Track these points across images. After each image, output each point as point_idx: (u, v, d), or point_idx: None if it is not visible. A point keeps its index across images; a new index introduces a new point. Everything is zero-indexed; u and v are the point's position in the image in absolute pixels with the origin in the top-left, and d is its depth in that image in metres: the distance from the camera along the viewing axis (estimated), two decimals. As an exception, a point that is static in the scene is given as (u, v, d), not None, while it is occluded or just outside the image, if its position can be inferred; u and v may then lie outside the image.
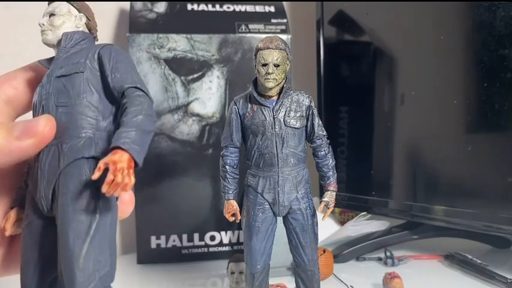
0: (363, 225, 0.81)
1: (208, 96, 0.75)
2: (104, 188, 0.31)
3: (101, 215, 0.33)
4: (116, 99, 0.36)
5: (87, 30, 0.41)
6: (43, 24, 0.39)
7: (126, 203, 0.39)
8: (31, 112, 0.40)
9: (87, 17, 0.40)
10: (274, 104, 0.46)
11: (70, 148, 0.34)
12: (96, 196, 0.33)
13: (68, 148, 0.34)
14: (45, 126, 0.34)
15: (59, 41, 0.39)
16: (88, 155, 0.34)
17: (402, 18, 0.77)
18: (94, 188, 0.33)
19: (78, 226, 0.32)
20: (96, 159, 0.33)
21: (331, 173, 0.49)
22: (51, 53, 0.44)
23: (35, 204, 0.35)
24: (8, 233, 0.37)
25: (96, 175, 0.31)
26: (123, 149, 0.32)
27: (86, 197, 0.33)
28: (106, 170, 0.31)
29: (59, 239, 0.33)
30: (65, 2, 0.39)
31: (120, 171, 0.31)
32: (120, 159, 0.31)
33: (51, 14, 0.39)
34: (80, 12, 0.40)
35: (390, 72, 0.81)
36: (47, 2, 0.42)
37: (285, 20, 0.78)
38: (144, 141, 0.33)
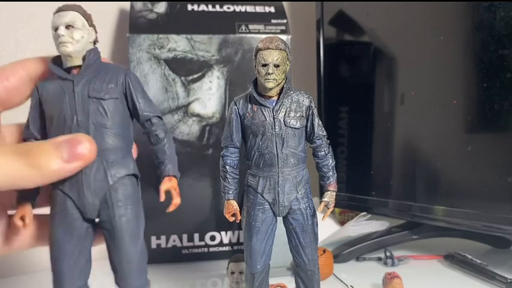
0: (362, 225, 0.81)
1: (208, 96, 0.75)
2: (171, 208, 0.43)
3: (142, 222, 0.42)
4: (130, 122, 0.43)
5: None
6: (62, 35, 0.40)
7: None
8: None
9: (95, 31, 0.43)
10: (274, 104, 0.46)
11: (114, 166, 0.41)
12: (138, 207, 0.42)
13: (112, 166, 0.40)
14: (91, 150, 0.39)
15: (83, 56, 0.41)
16: (129, 173, 0.41)
17: (402, 18, 0.77)
18: (137, 200, 0.42)
19: (133, 232, 0.41)
20: (133, 175, 0.42)
21: (331, 173, 0.49)
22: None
23: (75, 207, 0.40)
24: (28, 227, 0.41)
25: (163, 198, 0.42)
26: (174, 176, 0.43)
27: (133, 208, 0.41)
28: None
29: (113, 241, 0.41)
30: (78, 14, 0.41)
31: (179, 195, 0.43)
32: (176, 185, 0.43)
33: (69, 26, 0.40)
34: (90, 26, 0.42)
35: (390, 72, 0.81)
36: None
37: (285, 21, 0.78)
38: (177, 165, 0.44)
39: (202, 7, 0.78)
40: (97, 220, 0.42)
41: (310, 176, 0.49)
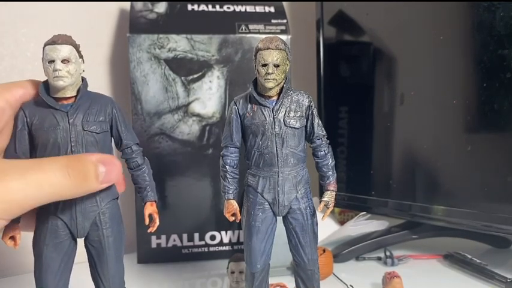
0: (362, 225, 0.81)
1: (209, 96, 0.75)
2: (152, 230, 0.47)
3: (124, 238, 0.46)
4: (112, 149, 0.46)
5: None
6: (59, 70, 0.41)
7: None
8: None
9: (83, 62, 0.44)
10: (274, 104, 0.46)
11: (103, 192, 0.44)
12: (121, 226, 0.46)
13: (101, 193, 0.43)
14: (120, 177, 0.43)
15: (77, 89, 0.43)
16: (113, 197, 0.45)
17: (402, 18, 0.77)
18: (120, 220, 0.46)
19: (117, 250, 0.45)
20: (117, 199, 0.46)
21: (330, 172, 0.49)
22: None
23: (66, 228, 0.43)
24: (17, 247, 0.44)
25: (148, 221, 0.47)
26: (154, 201, 0.47)
27: (118, 228, 0.45)
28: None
29: (100, 258, 0.44)
30: (73, 48, 0.42)
31: (158, 217, 0.47)
32: (156, 209, 0.47)
33: (65, 60, 0.41)
34: (80, 57, 0.43)
35: (390, 72, 0.81)
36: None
37: (284, 21, 0.78)
38: None
39: (202, 7, 0.78)
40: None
41: (310, 176, 0.49)
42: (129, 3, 0.77)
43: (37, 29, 0.77)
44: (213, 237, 0.77)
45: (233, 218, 0.48)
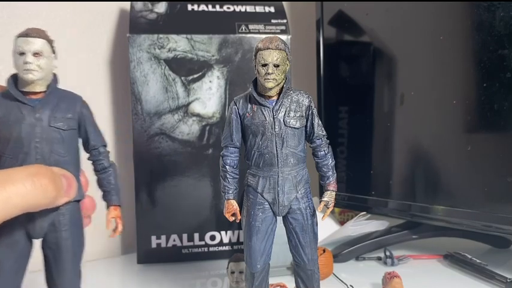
0: (362, 225, 0.81)
1: (209, 96, 0.75)
2: (114, 236, 0.46)
3: (83, 244, 0.45)
4: (79, 149, 0.45)
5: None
6: (30, 63, 0.40)
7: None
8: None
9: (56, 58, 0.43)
10: (274, 104, 0.46)
11: None
12: (81, 230, 0.45)
13: None
14: (76, 192, 0.43)
15: (47, 84, 0.42)
16: (76, 199, 0.43)
17: (402, 18, 0.77)
18: (80, 224, 0.45)
19: (75, 254, 0.44)
20: (78, 201, 0.44)
21: (330, 172, 0.49)
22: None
23: (23, 228, 0.42)
24: None
25: (109, 226, 0.46)
26: (118, 205, 0.46)
27: (77, 232, 0.44)
28: None
29: (56, 262, 0.43)
30: (46, 42, 0.42)
31: (122, 222, 0.47)
32: (120, 214, 0.46)
33: (36, 53, 0.41)
34: (53, 53, 0.43)
35: (390, 72, 0.81)
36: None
37: (284, 21, 0.78)
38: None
39: (202, 7, 0.78)
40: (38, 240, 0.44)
41: (310, 176, 0.49)
42: (129, 3, 0.77)
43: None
44: (213, 237, 0.77)
45: (233, 218, 0.48)
